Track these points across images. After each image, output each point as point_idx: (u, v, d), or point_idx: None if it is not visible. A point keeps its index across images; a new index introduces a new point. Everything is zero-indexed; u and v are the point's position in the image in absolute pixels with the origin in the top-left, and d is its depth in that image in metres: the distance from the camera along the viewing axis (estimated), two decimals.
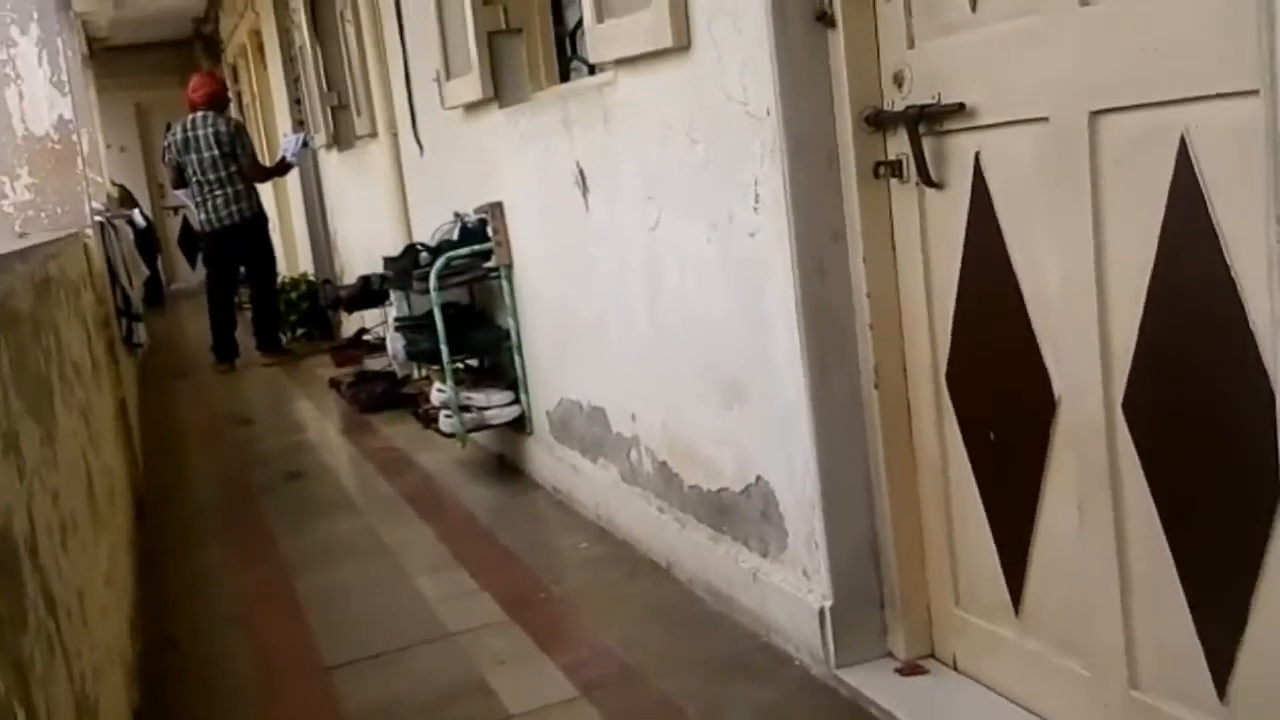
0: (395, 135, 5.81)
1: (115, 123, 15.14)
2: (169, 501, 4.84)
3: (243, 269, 8.35)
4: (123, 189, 13.73)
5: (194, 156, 7.85)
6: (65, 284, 3.31)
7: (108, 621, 2.51)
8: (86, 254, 4.58)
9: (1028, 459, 2.10)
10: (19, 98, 4.77)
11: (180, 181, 8.16)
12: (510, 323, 4.32)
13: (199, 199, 8.01)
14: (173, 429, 6.46)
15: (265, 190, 8.68)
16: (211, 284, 8.33)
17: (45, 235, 4.31)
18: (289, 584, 3.66)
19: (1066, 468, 2.03)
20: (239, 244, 8.07)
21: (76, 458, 2.58)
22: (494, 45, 4.04)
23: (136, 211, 11.94)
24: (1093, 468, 1.95)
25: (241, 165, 7.91)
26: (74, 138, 4.82)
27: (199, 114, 7.92)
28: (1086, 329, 1.90)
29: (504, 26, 4.02)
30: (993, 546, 2.25)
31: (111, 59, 14.16)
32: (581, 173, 3.47)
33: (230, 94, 8.99)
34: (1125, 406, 1.87)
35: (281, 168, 8.51)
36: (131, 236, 7.39)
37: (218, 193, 7.89)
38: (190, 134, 7.88)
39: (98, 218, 5.34)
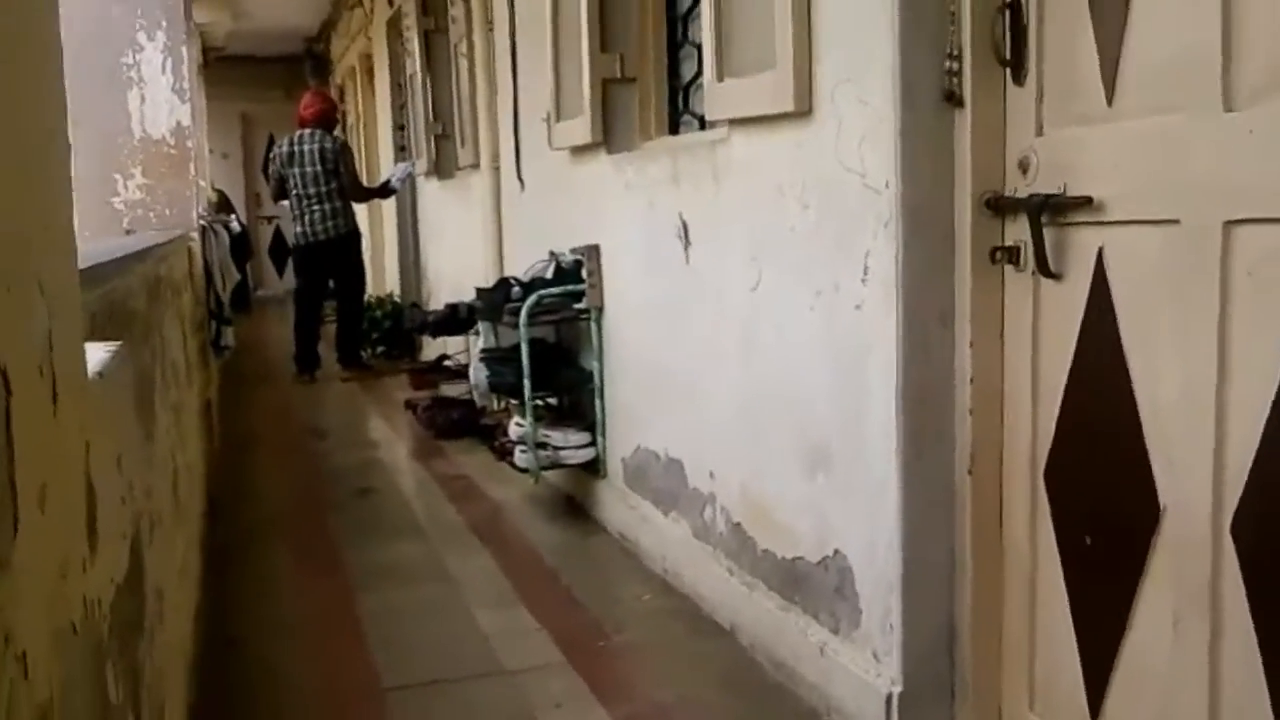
0: (497, 169, 5.88)
1: (220, 130, 15.50)
2: (241, 504, 4.89)
3: (332, 283, 8.49)
4: (222, 194, 14.02)
5: (297, 170, 8.04)
6: (171, 284, 3.39)
7: (177, 617, 2.54)
8: (189, 257, 4.67)
9: (1124, 567, 2.05)
10: (140, 100, 4.91)
11: (281, 194, 8.35)
12: (595, 365, 4.33)
13: (297, 212, 8.19)
14: (249, 434, 6.54)
15: (360, 210, 8.83)
16: (300, 296, 8.47)
17: (151, 234, 4.41)
18: (351, 600, 3.68)
19: (1164, 580, 1.97)
20: (331, 259, 8.23)
21: (167, 456, 2.61)
22: (607, 91, 4.08)
23: (234, 217, 12.18)
24: (1192, 584, 1.89)
25: (343, 184, 8.08)
26: (189, 143, 4.94)
27: (307, 130, 8.12)
28: (1201, 442, 1.85)
29: (619, 75, 4.06)
30: (1076, 652, 2.19)
31: (223, 68, 14.52)
32: (685, 226, 3.48)
33: (339, 115, 9.17)
34: (1234, 526, 1.81)
35: (384, 191, 8.68)
36: (228, 241, 7.54)
37: (315, 208, 8.07)
38: (296, 148, 8.08)
39: (200, 221, 5.46)
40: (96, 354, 1.09)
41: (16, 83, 0.75)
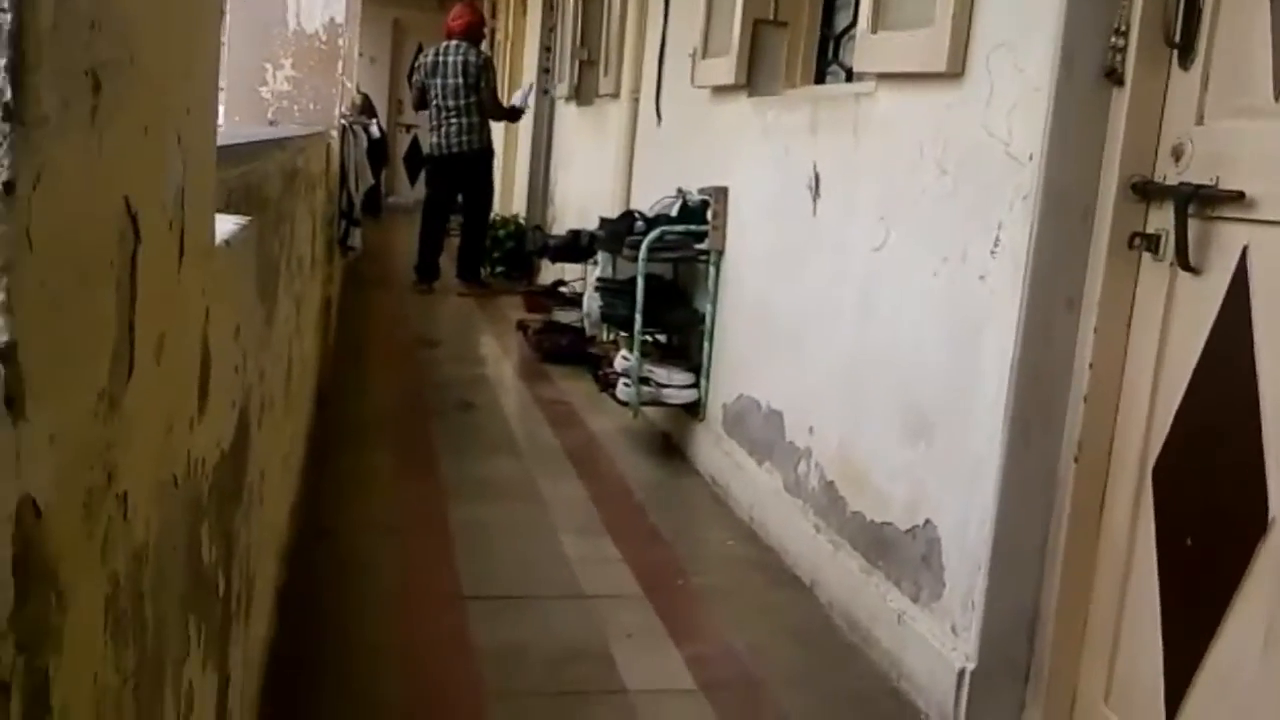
0: (636, 101, 5.86)
1: (372, 33, 15.68)
2: (348, 403, 5.01)
3: (460, 197, 8.59)
4: (366, 97, 14.22)
5: (439, 81, 8.12)
6: (307, 178, 3.45)
7: (276, 503, 2.61)
8: (328, 154, 4.76)
9: (1223, 573, 1.99)
10: None
11: (422, 103, 8.44)
12: (708, 308, 4.32)
13: (435, 123, 8.28)
14: (364, 336, 6.68)
15: (495, 128, 8.89)
16: (428, 206, 8.59)
17: (294, 127, 4.50)
18: (444, 508, 3.75)
19: (1263, 590, 1.91)
20: (463, 172, 8.32)
21: (284, 343, 2.68)
22: (757, 33, 4.02)
23: (374, 121, 12.36)
24: None
25: (483, 98, 8.14)
26: (340, 41, 5.01)
27: (453, 42, 8.18)
28: None
29: (772, 17, 4.00)
30: (1160, 652, 2.14)
31: None
32: (817, 178, 3.43)
33: (486, 31, 9.22)
34: None
35: (513, 113, 8.73)
36: (365, 144, 7.66)
37: (453, 120, 8.15)
38: (440, 59, 8.15)
39: (341, 121, 5.55)
40: (226, 224, 1.11)
41: None
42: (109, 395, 0.62)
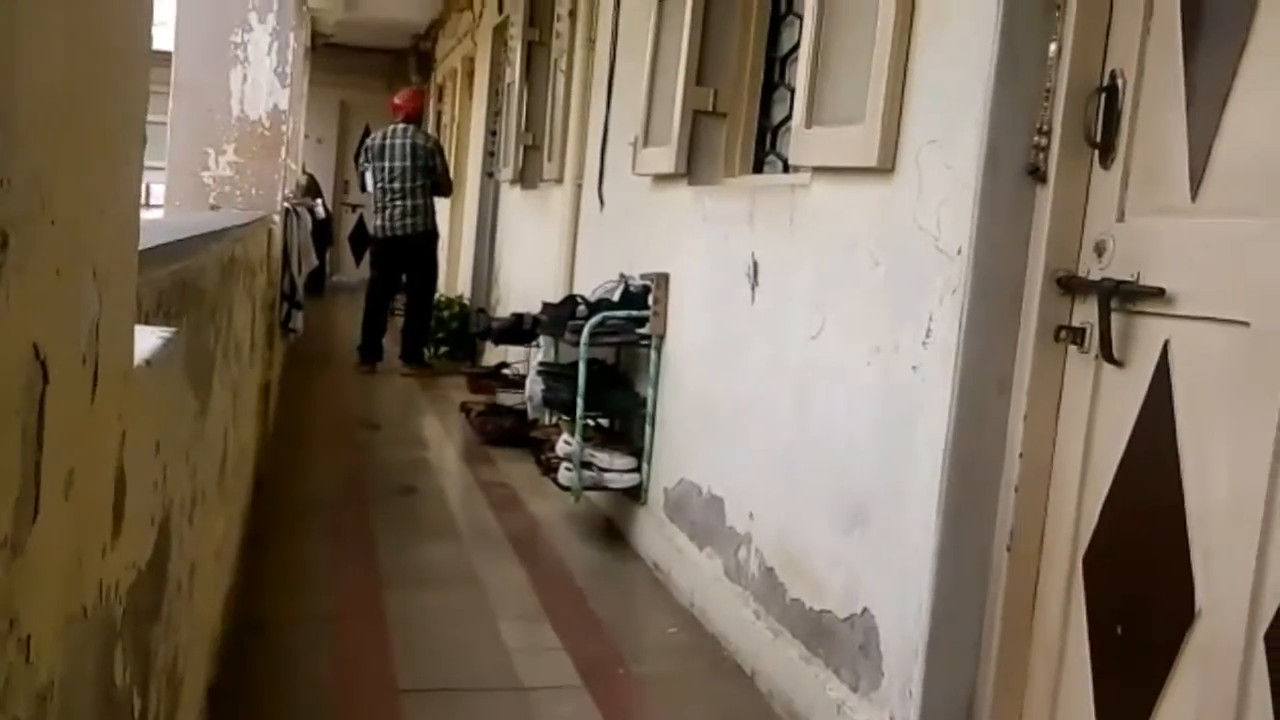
0: (579, 186, 5.92)
1: (319, 115, 15.78)
2: (287, 488, 4.95)
3: (405, 278, 8.60)
4: (311, 178, 14.25)
5: (385, 164, 8.18)
6: (246, 265, 3.45)
7: (207, 596, 2.57)
8: (269, 239, 4.76)
9: (1153, 663, 2.01)
10: (243, 80, 5.01)
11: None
12: (649, 392, 4.34)
13: (380, 205, 8.33)
14: (305, 418, 6.62)
15: (441, 210, 8.95)
16: (372, 286, 8.59)
17: (236, 212, 4.50)
18: (381, 596, 3.71)
19: (1191, 683, 1.93)
20: (407, 254, 8.35)
21: (219, 434, 2.66)
22: (696, 123, 4.10)
23: (319, 202, 12.38)
24: (1219, 690, 1.85)
25: (438, 179, 8.26)
26: (283, 127, 5.04)
27: (400, 125, 8.27)
28: (1244, 547, 1.81)
29: (711, 108, 4.07)
30: None
31: (328, 55, 14.80)
32: (755, 266, 3.48)
33: (430, 112, 9.37)
34: (1269, 637, 1.78)
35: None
36: (310, 225, 7.67)
37: (398, 203, 8.20)
38: (388, 141, 8.23)
39: (285, 204, 5.56)
40: (148, 340, 1.11)
41: (98, 77, 0.78)
42: (11, 542, 0.61)
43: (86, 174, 0.74)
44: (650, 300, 4.29)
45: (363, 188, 8.83)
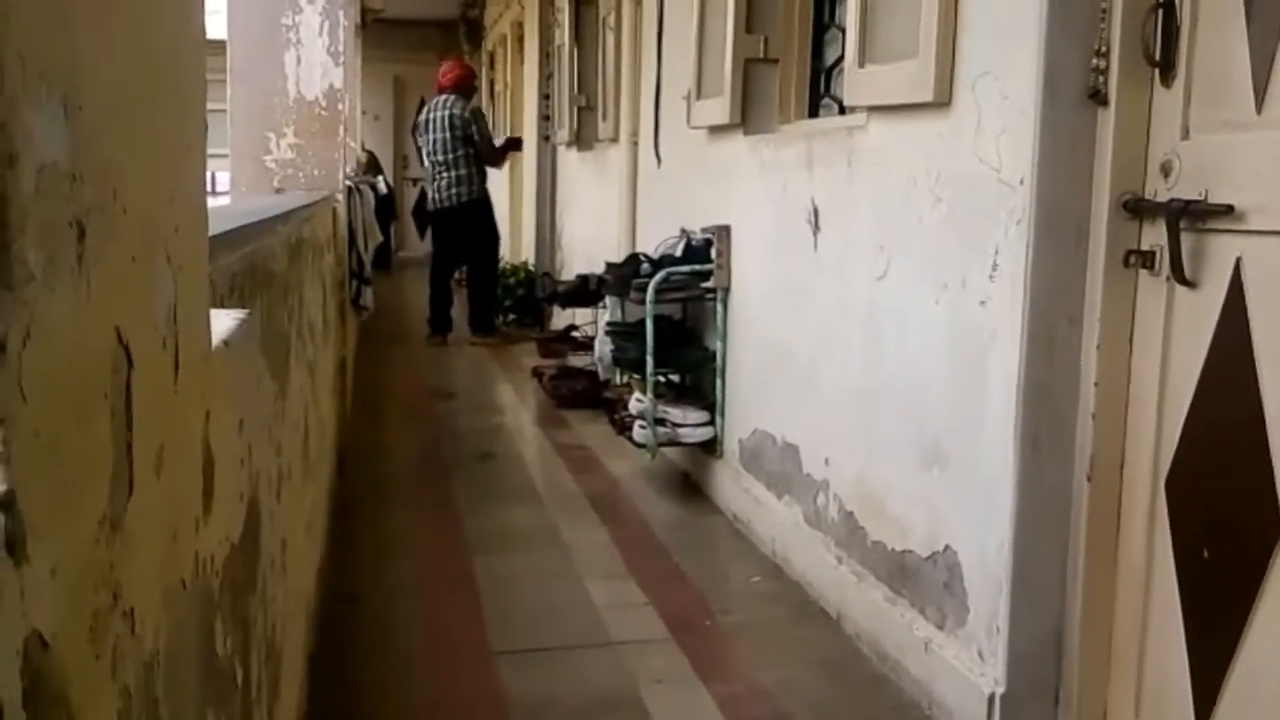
0: (636, 144, 5.92)
1: (374, 91, 15.88)
2: (368, 461, 5.04)
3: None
4: (371, 155, 14.38)
5: (428, 136, 8.30)
6: (314, 245, 3.50)
7: (301, 570, 2.64)
8: (334, 218, 4.82)
9: (1242, 582, 1.99)
10: (296, 62, 5.06)
11: None
12: (718, 345, 4.35)
13: (430, 178, 8.46)
14: (380, 392, 6.73)
15: (500, 177, 8.99)
16: (434, 260, 8.70)
17: (300, 194, 4.56)
18: (468, 561, 3.77)
19: None
20: (458, 224, 8.45)
21: (300, 412, 2.71)
22: (749, 72, 4.07)
23: (381, 179, 12.48)
24: None
25: (479, 149, 8.27)
26: (340, 106, 5.08)
27: (441, 97, 8.35)
28: None
29: (762, 55, 4.04)
30: (1187, 666, 2.14)
31: (380, 30, 14.85)
32: (816, 211, 3.46)
33: (478, 83, 9.38)
34: None
35: (511, 144, 8.90)
36: (373, 202, 7.75)
37: (443, 174, 8.31)
38: (430, 115, 8.36)
39: (347, 182, 5.62)
40: (223, 322, 1.15)
41: (155, 67, 0.80)
42: (110, 518, 0.65)
43: (152, 163, 0.76)
44: (713, 253, 4.29)
45: (420, 161, 8.94)
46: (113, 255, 0.64)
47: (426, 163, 8.45)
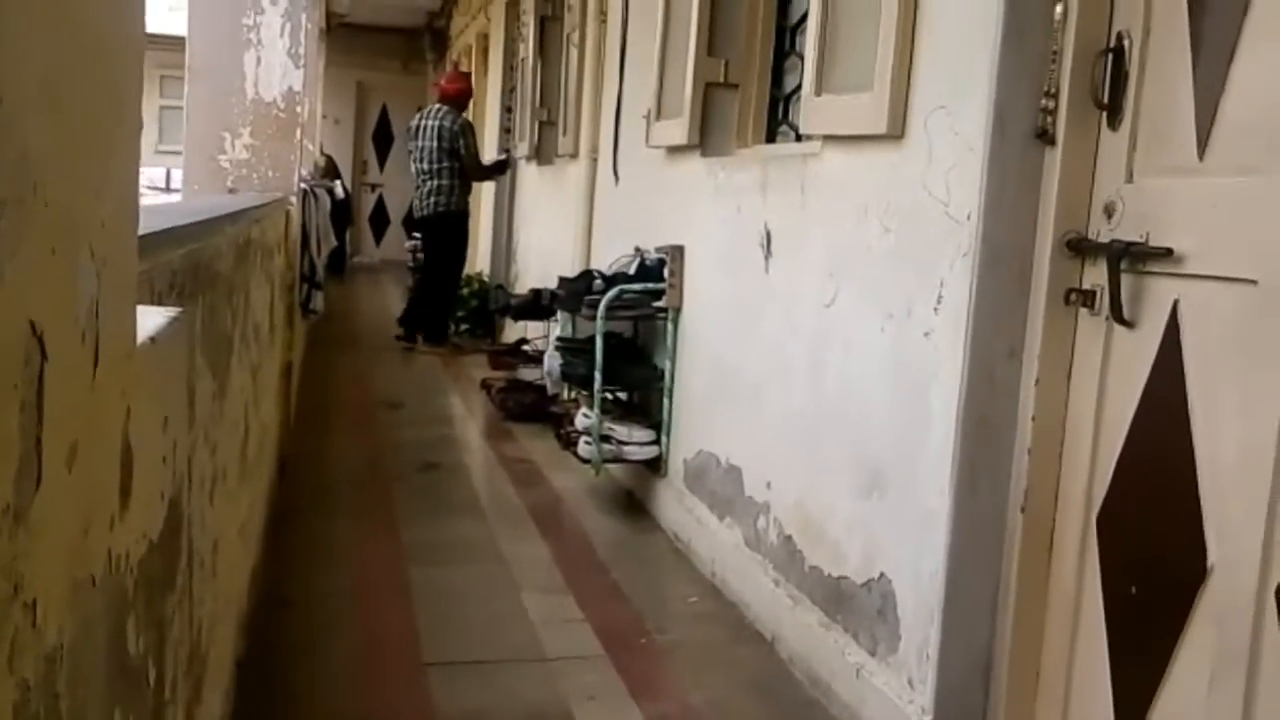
0: (595, 160, 5.93)
1: (335, 96, 15.82)
2: (310, 467, 5.00)
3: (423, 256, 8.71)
4: (329, 159, 14.29)
5: (417, 144, 8.31)
6: (263, 247, 3.47)
7: (232, 573, 2.61)
8: (287, 220, 4.79)
9: (1166, 620, 2.02)
10: (256, 63, 5.02)
11: None
12: (667, 364, 4.36)
13: (414, 184, 8.47)
14: (327, 399, 6.67)
15: (481, 190, 9.03)
16: (415, 265, 8.80)
17: (253, 195, 4.53)
18: (405, 571, 3.75)
19: (1205, 639, 1.94)
20: (429, 233, 8.46)
21: (239, 414, 2.69)
22: (708, 95, 4.10)
23: (339, 183, 12.43)
24: (1232, 645, 1.87)
25: (464, 163, 8.26)
26: (298, 109, 5.05)
27: (436, 105, 8.36)
28: (1255, 505, 1.82)
29: (722, 79, 4.07)
30: (1110, 700, 2.17)
31: (344, 35, 14.82)
32: (768, 235, 3.49)
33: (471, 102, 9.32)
34: None
35: (499, 167, 8.90)
36: (329, 206, 7.70)
37: (427, 183, 8.31)
38: (422, 122, 8.37)
39: (302, 185, 5.58)
40: (153, 319, 1.13)
41: (87, 61, 0.79)
42: (13, 510, 0.64)
43: (79, 157, 0.76)
44: (666, 273, 4.31)
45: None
46: (30, 247, 0.64)
47: (413, 169, 8.45)
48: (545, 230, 7.50)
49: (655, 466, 4.43)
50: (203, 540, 1.92)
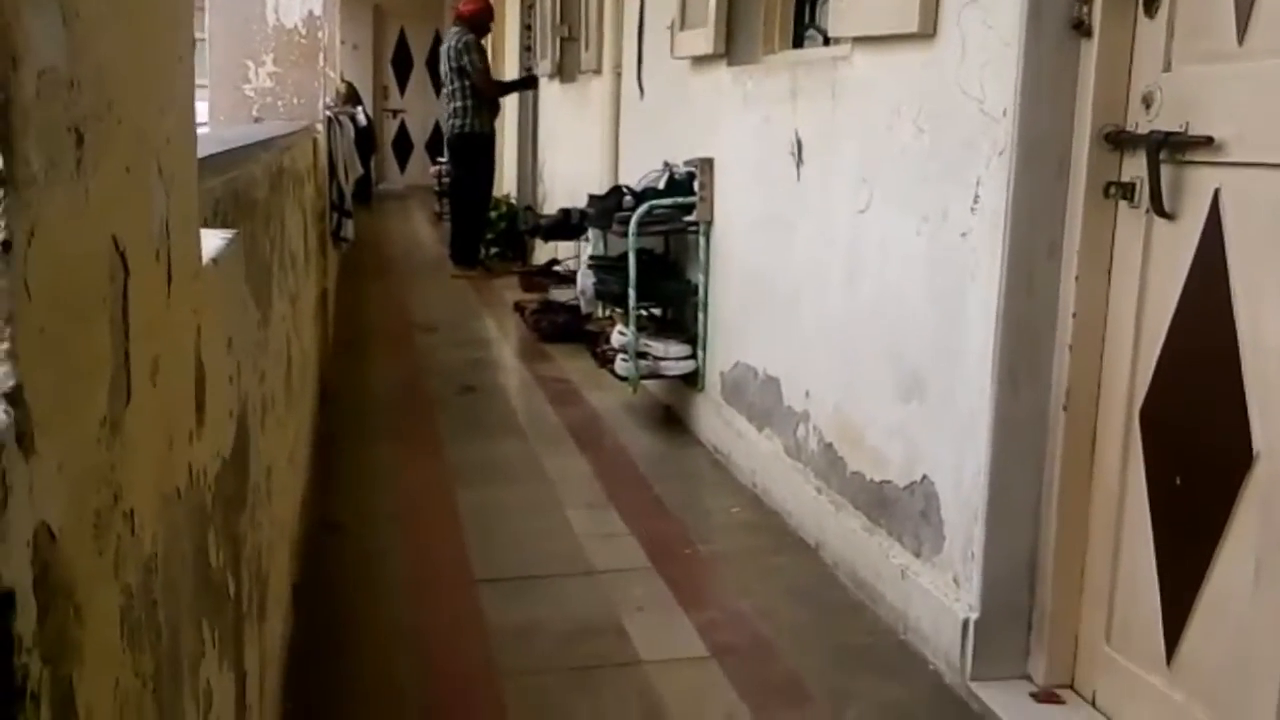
0: (619, 75, 5.87)
1: (353, 21, 15.66)
2: (350, 393, 5.05)
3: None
4: (350, 86, 14.20)
5: (441, 69, 8.35)
6: (294, 175, 3.48)
7: (284, 498, 2.66)
8: (314, 148, 4.78)
9: (1212, 509, 2.04)
10: None
11: None
12: (700, 278, 4.36)
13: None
14: (362, 325, 6.72)
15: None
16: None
17: (279, 123, 4.52)
18: (450, 492, 3.80)
19: (1250, 525, 1.96)
20: (453, 157, 8.47)
21: (282, 342, 2.72)
22: (733, 2, 4.04)
23: (360, 110, 12.36)
24: (1278, 532, 1.88)
25: (473, 81, 8.19)
26: (319, 34, 5.02)
27: (452, 28, 8.36)
28: None
29: None
30: (1157, 590, 2.19)
31: None
32: (799, 143, 3.46)
33: (492, 24, 9.15)
34: None
35: (524, 83, 8.84)
36: (353, 134, 7.68)
37: (448, 105, 8.40)
38: (442, 47, 8.41)
39: (326, 113, 5.56)
40: (212, 241, 1.15)
41: None
42: (110, 421, 0.66)
43: (145, 73, 0.77)
44: (696, 186, 4.29)
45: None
46: (109, 164, 0.65)
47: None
48: (570, 149, 7.46)
49: (692, 381, 4.45)
50: (257, 466, 1.95)
